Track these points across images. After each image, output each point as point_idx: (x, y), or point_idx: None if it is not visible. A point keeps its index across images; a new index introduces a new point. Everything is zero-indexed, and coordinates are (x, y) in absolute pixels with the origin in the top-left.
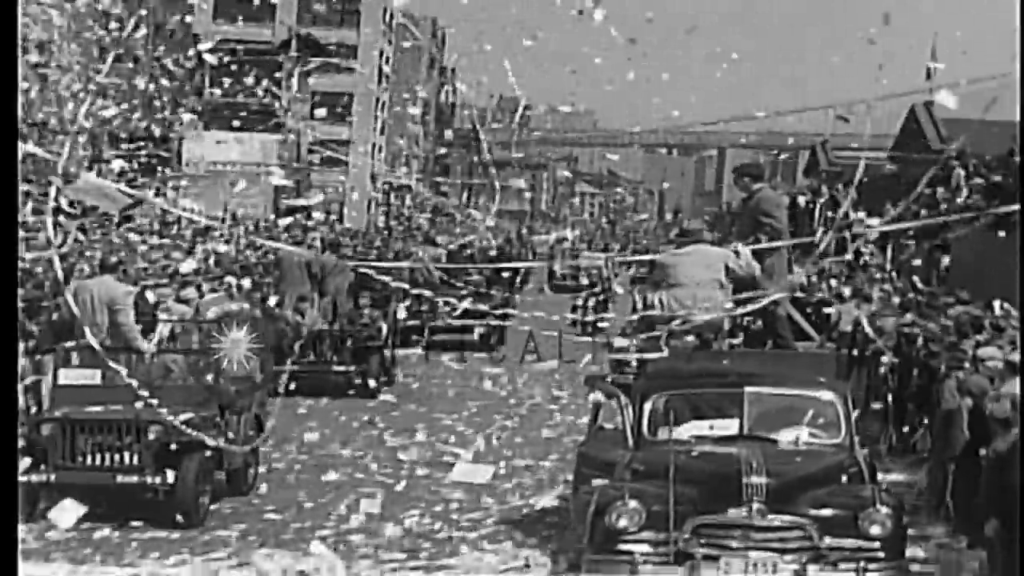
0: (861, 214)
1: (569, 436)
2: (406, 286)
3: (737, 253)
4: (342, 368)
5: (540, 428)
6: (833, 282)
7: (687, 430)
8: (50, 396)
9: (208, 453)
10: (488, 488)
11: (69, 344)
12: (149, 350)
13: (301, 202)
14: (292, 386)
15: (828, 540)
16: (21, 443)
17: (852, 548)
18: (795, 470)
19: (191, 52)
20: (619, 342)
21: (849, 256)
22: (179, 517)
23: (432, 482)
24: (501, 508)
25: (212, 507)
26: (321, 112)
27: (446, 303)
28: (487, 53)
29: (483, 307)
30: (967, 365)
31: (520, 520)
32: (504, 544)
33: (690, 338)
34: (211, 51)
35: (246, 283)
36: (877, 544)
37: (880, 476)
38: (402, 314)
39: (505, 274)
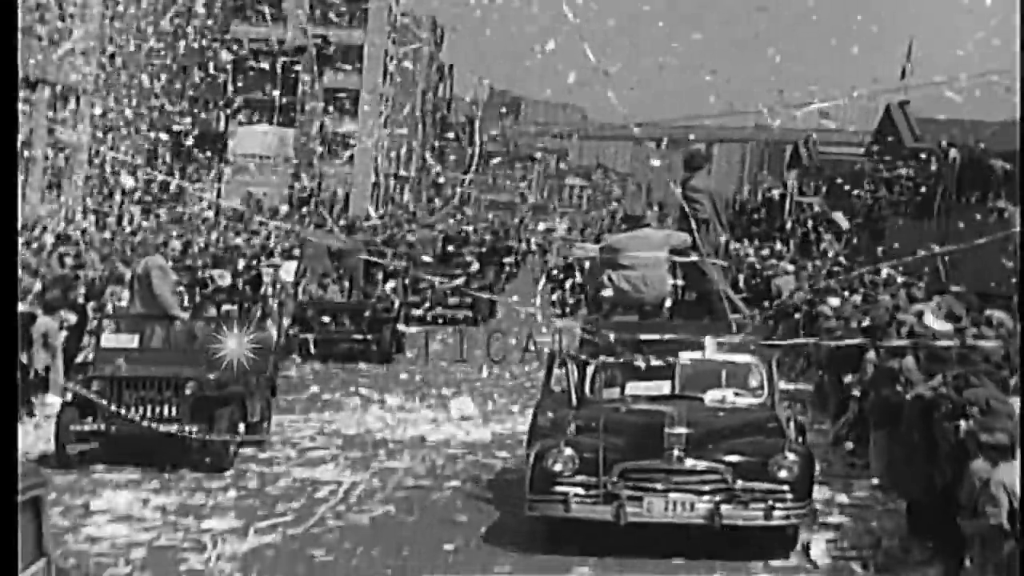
0: (838, 214)
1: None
2: (404, 264)
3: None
4: (359, 336)
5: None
6: (782, 262)
7: (626, 391)
8: (95, 357)
9: (235, 406)
10: None
11: (111, 311)
12: (182, 318)
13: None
14: (313, 352)
15: (741, 483)
16: (69, 397)
17: (762, 490)
18: (714, 423)
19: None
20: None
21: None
22: (211, 460)
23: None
24: None
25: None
26: (331, 108)
27: (441, 283)
28: (482, 50)
29: (475, 286)
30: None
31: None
32: None
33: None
34: (232, 51)
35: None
36: (785, 487)
37: None
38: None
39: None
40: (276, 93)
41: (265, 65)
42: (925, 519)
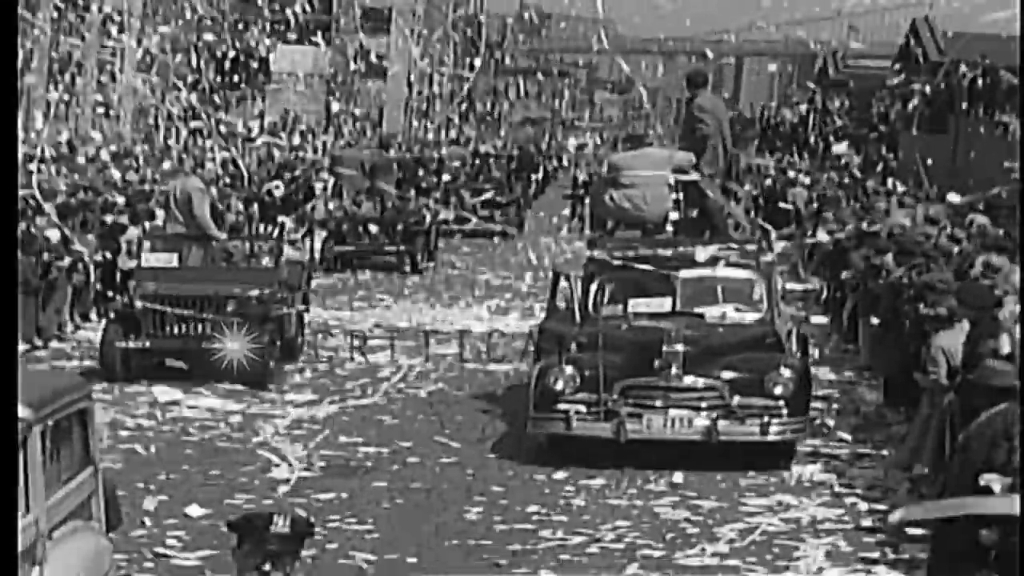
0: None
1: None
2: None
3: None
4: (392, 248)
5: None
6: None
7: (628, 308)
8: (136, 276)
9: (274, 323)
10: None
11: (150, 231)
12: (220, 237)
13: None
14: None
15: (738, 399)
16: (112, 315)
17: (758, 406)
18: (712, 339)
19: None
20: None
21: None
22: (251, 375)
23: None
24: None
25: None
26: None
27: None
28: None
29: (503, 200)
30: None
31: None
32: None
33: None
34: None
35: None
36: (781, 403)
37: None
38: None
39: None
40: (307, 11)
41: None
42: (898, 389)
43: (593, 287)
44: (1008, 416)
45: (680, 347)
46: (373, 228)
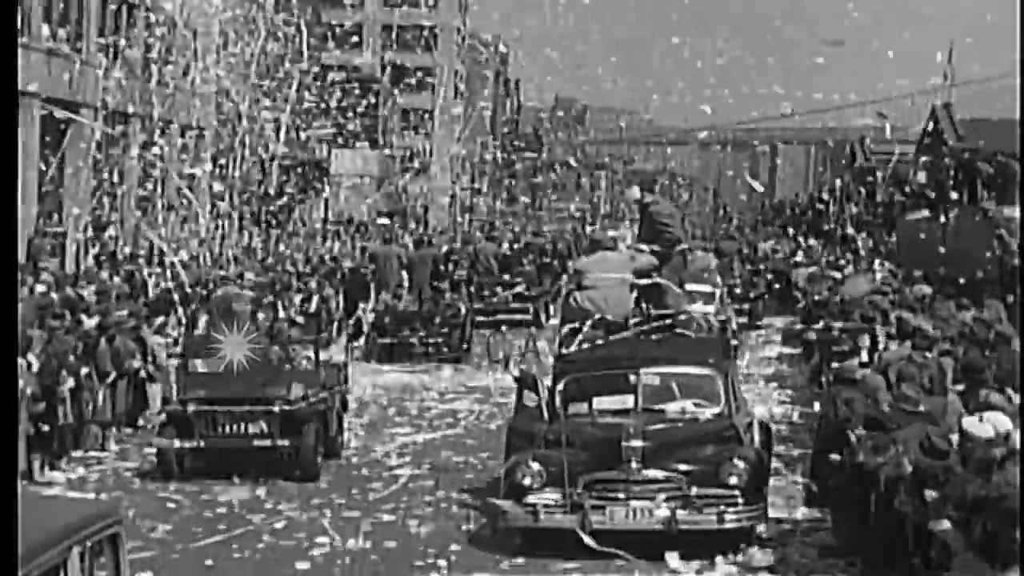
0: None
1: None
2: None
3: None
4: (431, 340)
5: None
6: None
7: (593, 405)
8: (186, 382)
9: (318, 421)
10: None
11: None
12: (261, 343)
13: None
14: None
15: (696, 490)
16: (164, 418)
17: (715, 496)
18: (670, 434)
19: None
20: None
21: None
22: (301, 471)
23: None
24: None
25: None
26: (407, 127)
27: (504, 289)
28: (547, 63)
29: (533, 292)
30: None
31: None
32: None
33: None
34: (315, 77)
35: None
36: (736, 492)
37: None
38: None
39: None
40: (360, 116)
41: (346, 90)
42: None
43: (559, 387)
44: None
45: (639, 443)
46: (412, 321)
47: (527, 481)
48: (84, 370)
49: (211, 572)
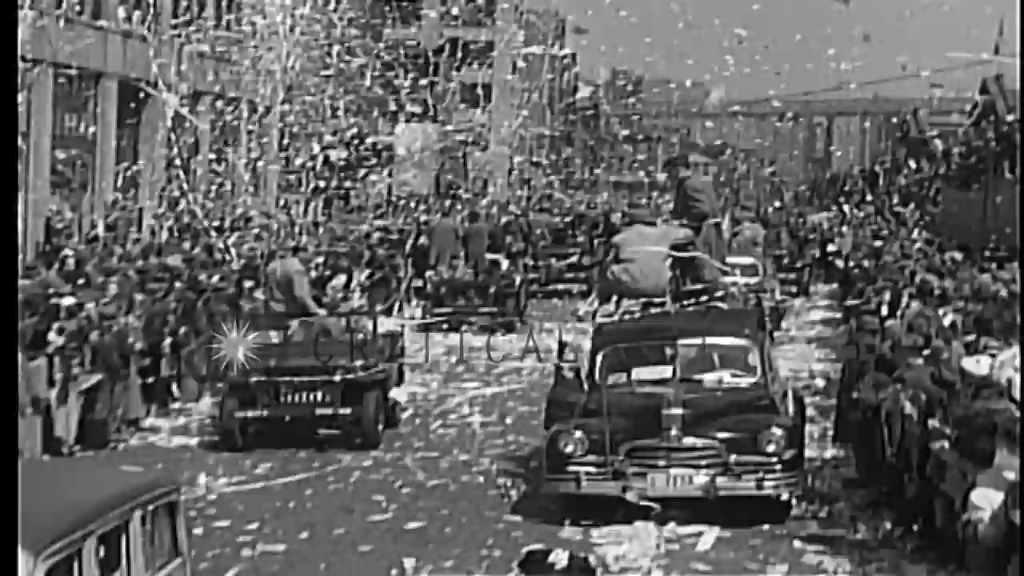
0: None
1: None
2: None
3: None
4: (486, 309)
5: None
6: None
7: (632, 376)
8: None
9: (379, 390)
10: None
11: (252, 310)
12: (320, 314)
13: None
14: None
15: (734, 457)
16: (228, 388)
17: (753, 463)
18: (709, 403)
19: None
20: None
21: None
22: (362, 439)
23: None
24: None
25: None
26: (467, 102)
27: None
28: (604, 37)
29: (586, 262)
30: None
31: None
32: None
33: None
34: (378, 55)
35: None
36: (774, 459)
37: None
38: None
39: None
40: (417, 90)
41: (407, 65)
42: None
43: (599, 357)
44: None
45: (679, 411)
46: (468, 292)
47: (569, 448)
48: (183, 329)
49: (311, 499)
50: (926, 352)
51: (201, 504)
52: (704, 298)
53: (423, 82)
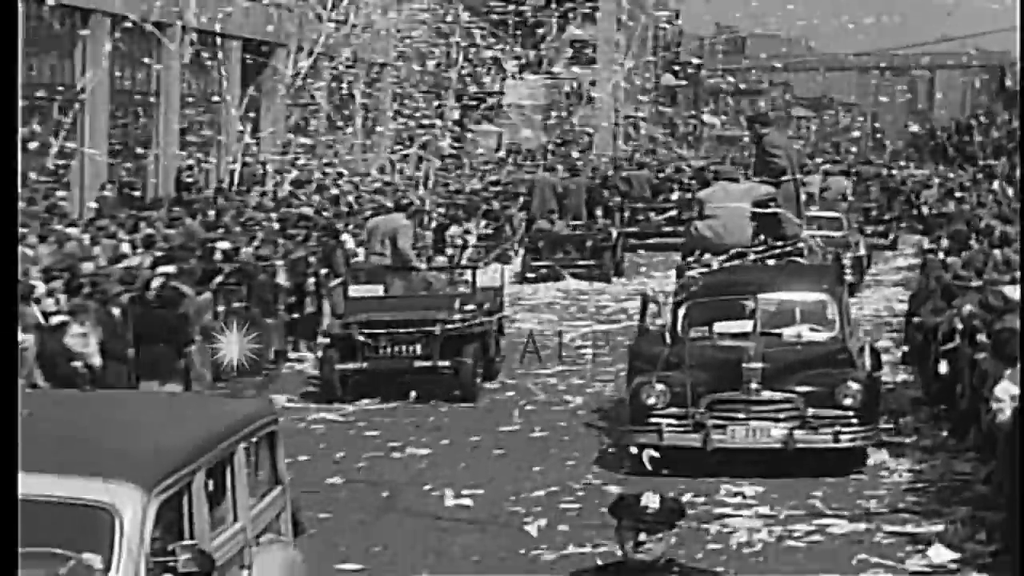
0: None
1: None
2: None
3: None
4: (583, 262)
5: None
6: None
7: (713, 329)
8: (344, 306)
9: (478, 343)
10: None
11: (356, 265)
12: (421, 268)
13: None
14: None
15: (812, 410)
16: (327, 341)
17: (831, 416)
18: (788, 357)
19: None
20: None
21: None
22: (461, 392)
23: None
24: None
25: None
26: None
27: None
28: None
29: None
30: None
31: None
32: None
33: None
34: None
35: None
36: (851, 413)
37: None
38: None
39: None
40: (525, 46)
41: (514, 22)
42: None
43: (681, 311)
44: None
45: (759, 364)
46: (565, 244)
47: (651, 401)
48: (323, 271)
49: (447, 415)
50: (977, 283)
51: (352, 418)
52: (784, 252)
53: (531, 39)
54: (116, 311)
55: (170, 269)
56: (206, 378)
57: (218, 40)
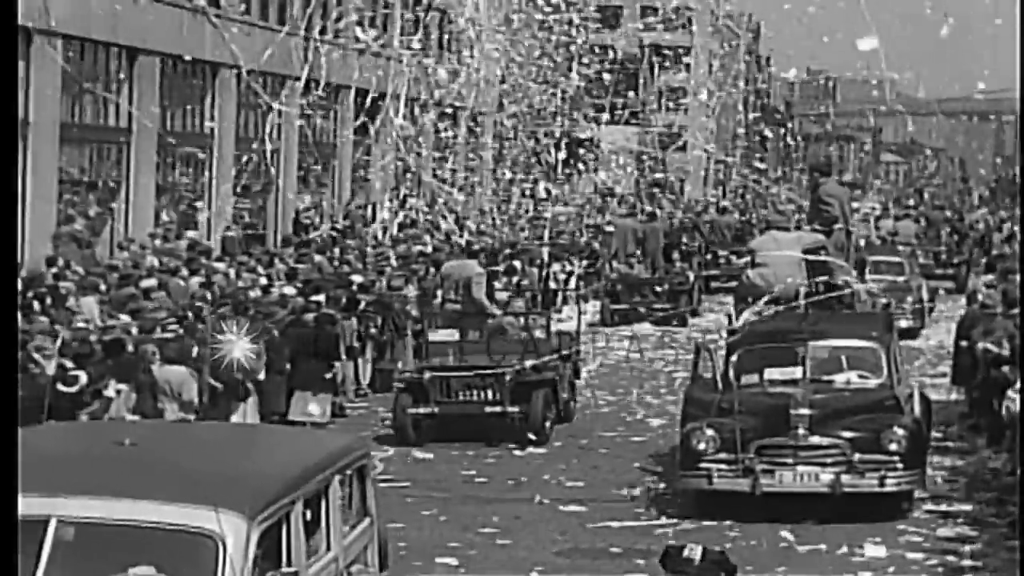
0: None
1: None
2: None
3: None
4: (660, 307)
5: None
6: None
7: (764, 376)
8: (425, 350)
9: (548, 389)
10: None
11: (431, 311)
12: (496, 314)
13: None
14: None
15: (858, 455)
16: (401, 385)
17: (876, 461)
18: (835, 403)
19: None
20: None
21: None
22: (531, 436)
23: None
24: None
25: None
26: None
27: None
28: (798, 37)
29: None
30: None
31: None
32: None
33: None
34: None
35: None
36: (896, 458)
37: None
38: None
39: None
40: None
41: (609, 70)
42: None
43: (732, 358)
44: None
45: (806, 411)
46: (643, 288)
47: (702, 446)
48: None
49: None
50: (1013, 311)
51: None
52: (834, 300)
53: (624, 86)
54: (276, 332)
55: (320, 298)
56: (349, 391)
57: (334, 91)
